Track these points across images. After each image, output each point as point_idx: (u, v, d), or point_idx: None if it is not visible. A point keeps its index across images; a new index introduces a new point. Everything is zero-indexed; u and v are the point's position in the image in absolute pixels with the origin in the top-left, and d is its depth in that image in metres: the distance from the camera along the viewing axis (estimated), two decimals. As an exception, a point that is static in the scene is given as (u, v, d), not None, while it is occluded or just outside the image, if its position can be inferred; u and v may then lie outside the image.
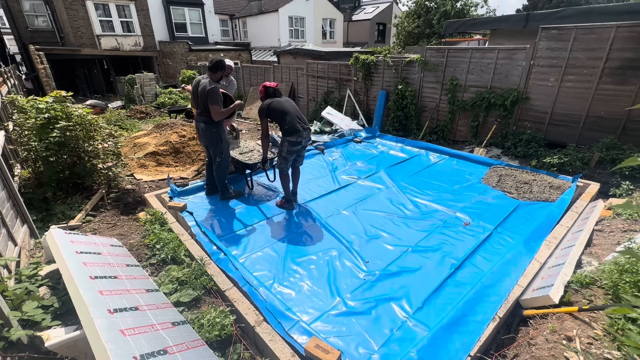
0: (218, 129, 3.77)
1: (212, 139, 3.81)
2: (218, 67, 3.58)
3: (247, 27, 21.41)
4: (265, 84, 3.88)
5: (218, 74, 3.61)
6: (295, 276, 2.93)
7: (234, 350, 2.19)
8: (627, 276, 2.21)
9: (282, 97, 3.83)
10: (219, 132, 3.78)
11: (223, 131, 3.84)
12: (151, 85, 13.12)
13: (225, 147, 3.91)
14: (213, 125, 3.73)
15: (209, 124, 3.72)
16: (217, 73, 3.61)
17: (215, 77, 3.60)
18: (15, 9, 14.09)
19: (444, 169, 5.39)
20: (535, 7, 22.87)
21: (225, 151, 3.94)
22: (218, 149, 3.86)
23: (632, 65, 4.70)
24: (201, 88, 3.56)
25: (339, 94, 9.12)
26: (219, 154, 3.90)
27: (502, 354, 2.18)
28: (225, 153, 3.94)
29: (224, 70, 3.71)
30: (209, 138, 3.83)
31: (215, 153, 3.91)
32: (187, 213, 3.89)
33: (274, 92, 3.84)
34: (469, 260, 3.08)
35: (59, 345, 1.84)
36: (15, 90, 8.76)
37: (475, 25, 9.32)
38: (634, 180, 4.32)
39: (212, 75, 3.60)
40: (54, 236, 2.38)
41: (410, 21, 18.25)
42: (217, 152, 3.88)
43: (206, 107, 3.59)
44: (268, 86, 3.86)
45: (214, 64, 3.58)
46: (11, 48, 15.52)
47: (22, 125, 3.93)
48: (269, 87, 3.85)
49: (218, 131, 3.78)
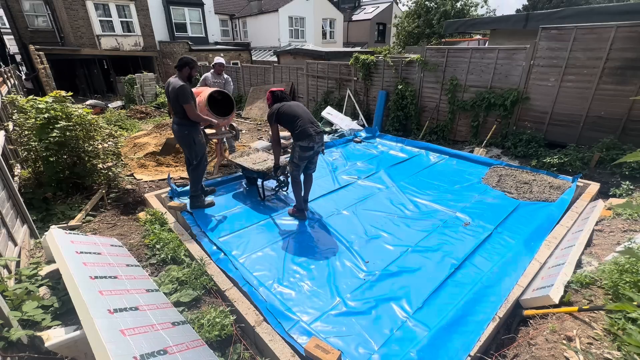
0: (190, 131, 3.61)
1: (183, 140, 3.66)
2: (182, 64, 3.46)
3: (247, 27, 21.41)
4: (271, 89, 3.74)
5: (184, 71, 3.48)
6: (295, 276, 2.93)
7: (234, 350, 2.19)
8: (627, 276, 2.21)
9: (291, 101, 3.67)
10: (191, 134, 3.61)
11: (197, 133, 3.68)
12: (151, 85, 13.13)
13: (200, 150, 3.74)
14: (185, 127, 3.58)
15: (181, 125, 3.58)
16: (183, 71, 3.48)
17: (182, 76, 3.47)
18: (15, 9, 14.09)
19: (444, 169, 5.39)
20: (535, 7, 22.88)
21: (201, 154, 3.76)
22: (192, 152, 3.69)
23: (632, 65, 4.70)
24: (171, 88, 3.45)
25: (339, 94, 9.12)
26: (194, 157, 3.73)
27: (502, 354, 2.18)
28: (200, 156, 3.76)
29: (189, 66, 3.50)
30: (181, 140, 3.70)
31: (190, 156, 3.75)
32: (187, 213, 3.89)
33: (281, 95, 3.70)
34: (469, 260, 3.08)
35: (59, 345, 1.85)
36: (15, 90, 8.76)
37: (475, 25, 9.32)
38: (634, 180, 4.32)
39: (179, 74, 3.49)
40: (54, 236, 2.38)
41: (410, 21, 18.26)
42: (191, 154, 3.72)
43: (176, 108, 3.49)
44: (274, 90, 3.72)
45: (178, 62, 3.49)
46: (11, 48, 15.54)
47: (22, 125, 3.93)
48: (276, 92, 3.72)
49: (190, 133, 3.61)
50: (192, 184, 3.91)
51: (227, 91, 5.32)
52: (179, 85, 3.38)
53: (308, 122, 3.48)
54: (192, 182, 3.90)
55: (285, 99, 3.69)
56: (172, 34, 17.44)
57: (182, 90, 3.37)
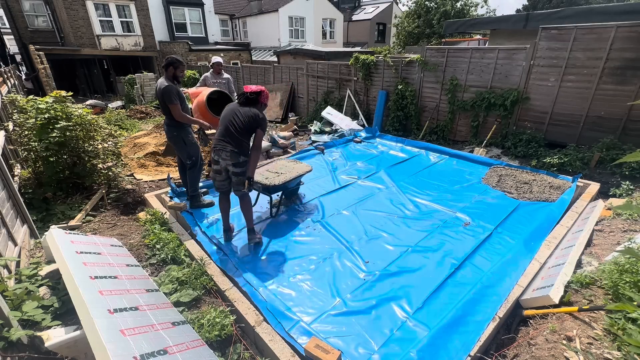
0: (179, 132, 3.60)
1: (174, 141, 3.67)
2: (166, 64, 3.43)
3: (247, 27, 21.41)
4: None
5: (169, 71, 3.44)
6: (296, 276, 2.92)
7: (234, 350, 2.19)
8: (627, 276, 2.21)
9: (238, 105, 3.08)
10: (180, 135, 3.61)
11: (187, 134, 3.67)
12: (151, 85, 13.12)
13: (192, 151, 3.72)
14: (174, 127, 3.58)
15: (171, 126, 3.59)
16: (168, 70, 3.44)
17: (168, 76, 3.45)
18: (15, 9, 14.09)
19: (444, 169, 5.39)
20: (535, 7, 22.87)
21: (194, 154, 3.74)
22: (184, 152, 3.70)
23: (632, 65, 4.70)
24: (158, 89, 3.45)
25: (339, 94, 9.12)
26: (187, 157, 3.72)
27: (502, 354, 2.18)
28: (194, 156, 3.74)
29: (173, 66, 3.42)
30: (171, 140, 3.70)
31: (182, 157, 3.75)
32: (187, 213, 3.89)
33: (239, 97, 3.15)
34: (469, 260, 3.08)
35: (59, 345, 1.85)
36: (15, 90, 8.76)
37: (475, 25, 9.32)
38: (634, 180, 4.32)
39: (165, 74, 3.48)
40: (54, 236, 2.38)
41: (410, 21, 18.27)
42: (183, 155, 3.72)
43: (165, 109, 3.48)
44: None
45: (164, 62, 3.47)
46: (11, 48, 15.55)
47: (22, 125, 3.94)
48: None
49: (180, 134, 3.60)
50: (190, 184, 3.91)
51: (230, 92, 5.32)
52: (165, 85, 3.38)
53: (221, 135, 3.03)
54: (191, 183, 3.90)
55: (237, 100, 3.16)
56: (172, 34, 17.44)
57: (167, 90, 3.36)
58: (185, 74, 4.56)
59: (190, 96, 4.76)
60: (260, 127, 3.01)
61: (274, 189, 3.64)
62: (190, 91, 4.86)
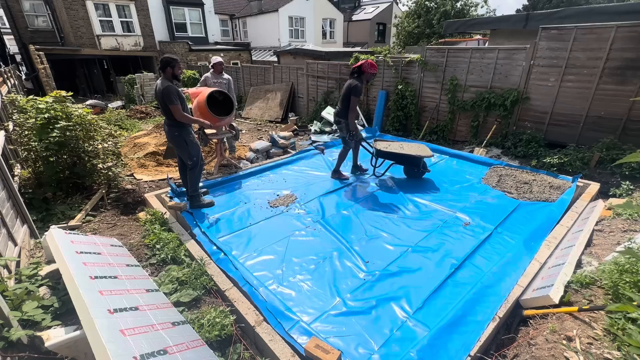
0: (181, 132, 3.60)
1: (175, 141, 3.67)
2: (163, 65, 3.44)
3: (247, 27, 21.41)
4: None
5: (167, 71, 3.46)
6: (296, 276, 2.93)
7: (234, 350, 2.19)
8: (627, 276, 2.21)
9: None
10: (182, 135, 3.61)
11: (188, 134, 3.67)
12: (151, 85, 13.12)
13: (194, 151, 3.72)
14: (175, 128, 3.58)
15: (171, 126, 3.59)
16: (166, 71, 3.45)
17: (166, 76, 3.46)
18: (15, 9, 14.09)
19: (444, 169, 5.39)
20: (535, 7, 22.89)
21: (195, 154, 3.73)
22: (185, 153, 3.70)
23: (632, 65, 4.69)
24: (157, 90, 3.45)
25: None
26: (188, 158, 3.72)
27: (502, 354, 2.18)
28: (196, 156, 3.74)
29: (170, 65, 3.44)
30: (172, 141, 3.70)
31: (183, 157, 3.75)
32: (187, 213, 3.88)
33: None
34: (469, 260, 3.07)
35: (59, 345, 1.85)
36: (15, 90, 8.76)
37: (475, 25, 9.32)
38: (634, 180, 4.32)
39: (163, 75, 3.48)
40: (54, 236, 2.38)
41: (410, 21, 18.27)
42: (185, 155, 3.72)
43: (165, 110, 3.48)
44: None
45: (159, 63, 3.48)
46: (11, 48, 15.53)
47: (22, 125, 3.94)
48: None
49: (181, 134, 3.61)
50: (190, 184, 3.91)
51: (231, 92, 5.32)
52: (165, 86, 3.38)
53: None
54: (191, 183, 3.89)
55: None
56: (172, 34, 17.44)
57: (167, 90, 3.37)
58: (183, 71, 4.61)
59: (190, 96, 4.76)
60: (353, 94, 4.20)
61: (402, 158, 4.71)
62: (191, 91, 4.87)
